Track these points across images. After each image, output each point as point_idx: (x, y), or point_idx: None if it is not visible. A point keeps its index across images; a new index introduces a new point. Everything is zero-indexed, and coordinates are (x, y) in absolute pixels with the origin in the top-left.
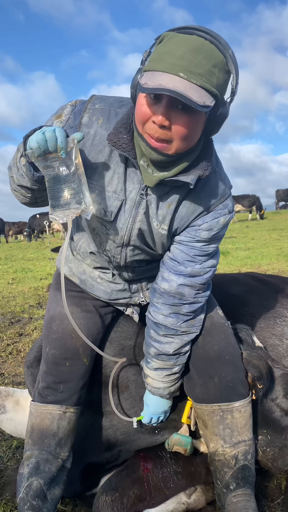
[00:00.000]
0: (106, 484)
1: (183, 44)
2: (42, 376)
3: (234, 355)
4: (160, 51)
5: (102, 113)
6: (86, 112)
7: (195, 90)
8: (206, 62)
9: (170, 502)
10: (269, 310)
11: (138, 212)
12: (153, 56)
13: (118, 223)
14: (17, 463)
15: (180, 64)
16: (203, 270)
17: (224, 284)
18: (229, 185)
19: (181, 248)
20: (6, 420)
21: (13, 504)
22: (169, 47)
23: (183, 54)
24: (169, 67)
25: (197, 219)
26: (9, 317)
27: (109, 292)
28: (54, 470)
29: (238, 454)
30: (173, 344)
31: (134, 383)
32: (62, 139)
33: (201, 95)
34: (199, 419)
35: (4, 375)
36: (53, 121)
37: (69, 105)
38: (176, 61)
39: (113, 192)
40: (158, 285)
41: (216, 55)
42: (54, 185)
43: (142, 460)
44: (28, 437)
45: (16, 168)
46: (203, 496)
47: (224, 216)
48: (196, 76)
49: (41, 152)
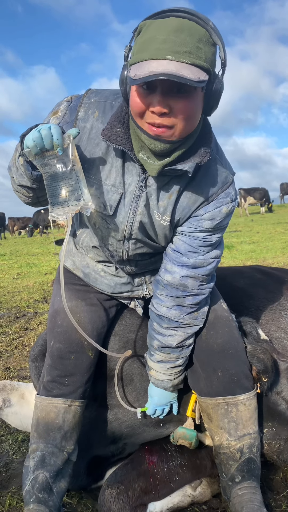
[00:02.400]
0: (112, 477)
1: (162, 28)
2: (47, 369)
3: (238, 349)
4: (141, 40)
5: (98, 107)
6: (81, 107)
7: (186, 69)
8: (190, 39)
9: (175, 494)
10: (274, 303)
11: (138, 205)
12: (135, 48)
13: (118, 217)
14: (23, 456)
15: (164, 47)
16: (206, 261)
17: (229, 277)
18: (232, 172)
19: (183, 239)
20: (12, 414)
21: (19, 496)
22: (149, 34)
23: (166, 37)
24: (154, 53)
25: (199, 209)
26: (15, 312)
27: (113, 285)
28: (59, 463)
29: (243, 447)
30: (176, 337)
31: (138, 376)
32: (58, 136)
33: (193, 72)
34: (204, 413)
35: (9, 369)
36: (50, 118)
37: (65, 100)
38: (159, 45)
39: (111, 186)
40: (161, 277)
41: (198, 30)
42: (52, 183)
43: (147, 453)
44: (34, 430)
45: (15, 168)
46: (208, 489)
47: (227, 205)
48: (184, 54)
49: (38, 150)
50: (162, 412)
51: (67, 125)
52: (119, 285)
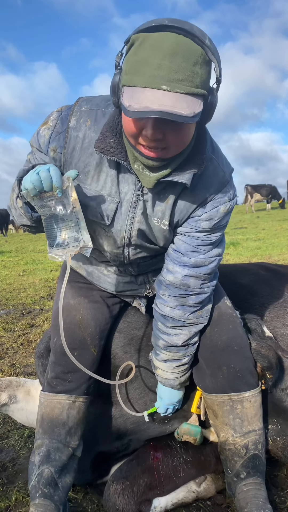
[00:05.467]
0: (117, 472)
1: (157, 48)
2: (51, 366)
3: (242, 345)
4: (135, 59)
5: (89, 115)
6: (73, 116)
7: (182, 100)
8: (186, 64)
9: (180, 490)
10: (279, 300)
11: (135, 213)
12: (128, 67)
13: (116, 226)
14: (29, 451)
15: (159, 74)
16: (207, 260)
17: (234, 274)
18: (229, 171)
19: (183, 239)
20: (18, 410)
21: (25, 491)
22: (143, 55)
23: (160, 62)
24: (149, 81)
25: (196, 210)
26: (20, 309)
27: (116, 284)
28: (64, 458)
29: (249, 444)
30: (182, 336)
31: (143, 372)
32: (57, 178)
33: (189, 104)
34: (209, 409)
35: (15, 365)
36: (40, 129)
37: (55, 111)
38: (154, 71)
39: (107, 195)
40: (163, 278)
41: (194, 50)
42: (51, 225)
43: (152, 450)
44: (39, 426)
45: (14, 208)
46: (213, 485)
47: (225, 204)
48: (180, 83)
49: (37, 192)
50: (173, 410)
51: (59, 136)
52: (122, 284)
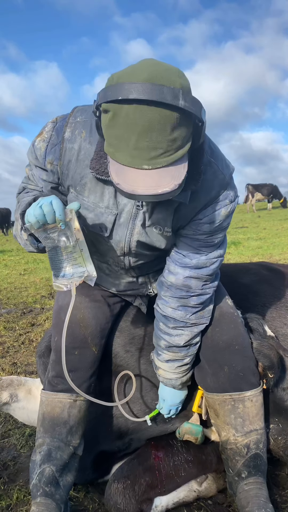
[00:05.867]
0: (118, 471)
1: (130, 126)
2: (52, 365)
3: (243, 345)
4: (111, 133)
5: (85, 126)
6: (68, 127)
7: (165, 175)
8: (162, 137)
9: (181, 490)
10: (280, 299)
11: (135, 225)
12: (107, 137)
13: (115, 237)
14: (30, 450)
15: (139, 155)
16: (209, 261)
17: (235, 273)
18: (229, 173)
19: (185, 240)
20: (19, 409)
21: (27, 490)
22: (118, 132)
23: (136, 143)
24: (130, 161)
25: (197, 214)
26: (21, 308)
27: (117, 283)
28: (65, 457)
29: (250, 443)
30: (183, 336)
31: (145, 371)
32: (60, 211)
33: (173, 174)
34: (211, 408)
35: (16, 364)
36: (36, 140)
37: (50, 122)
38: (133, 151)
39: (105, 208)
40: (165, 279)
41: (168, 119)
42: (56, 256)
43: (153, 449)
44: (40, 425)
45: (19, 238)
46: (214, 484)
47: (225, 207)
48: (160, 158)
49: (40, 225)
50: (176, 411)
51: (55, 148)
52: (123, 284)
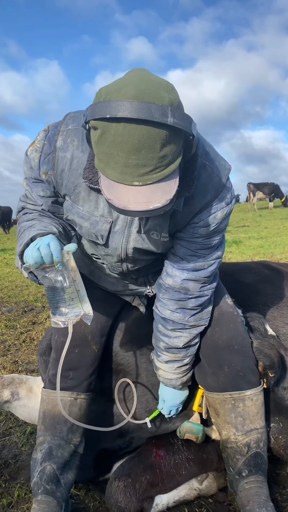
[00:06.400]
0: (119, 470)
1: (119, 145)
2: (52, 363)
3: (243, 344)
4: (101, 150)
5: (76, 134)
6: (59, 135)
7: (156, 190)
8: (152, 155)
9: (182, 488)
10: (282, 299)
11: (131, 231)
12: (97, 153)
13: (112, 244)
14: (31, 448)
15: (128, 172)
16: (206, 263)
17: (237, 273)
18: (225, 174)
19: (182, 243)
20: (20, 407)
21: (28, 488)
22: (107, 150)
23: (126, 161)
24: (120, 178)
25: (194, 218)
26: (23, 306)
27: (116, 283)
28: (66, 455)
29: (251, 442)
30: (182, 338)
31: (145, 371)
32: (57, 253)
33: (164, 190)
34: (211, 407)
35: (18, 362)
36: (29, 149)
37: (42, 131)
38: (123, 169)
39: (100, 216)
40: (162, 281)
41: (157, 137)
42: (53, 296)
43: (154, 447)
44: (41, 423)
45: (21, 272)
46: (214, 483)
47: (222, 210)
48: (150, 175)
49: (38, 266)
50: (177, 411)
51: (48, 157)
52: (122, 284)
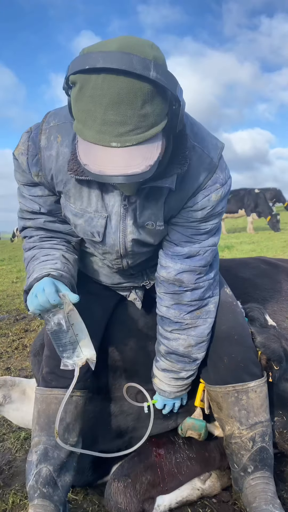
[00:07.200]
0: (118, 470)
1: (97, 98)
2: (45, 360)
3: (243, 335)
4: (79, 107)
5: (59, 130)
6: (42, 134)
7: (135, 154)
8: (132, 111)
9: (184, 488)
10: (281, 293)
11: (126, 224)
12: (75, 112)
13: (109, 240)
14: (26, 454)
15: (106, 130)
16: (202, 249)
17: (234, 267)
18: (216, 153)
19: (176, 229)
20: (13, 410)
21: (23, 494)
22: (85, 106)
23: (104, 116)
24: (98, 138)
25: (188, 202)
26: (14, 314)
27: (111, 276)
28: (63, 456)
29: (255, 436)
30: (180, 341)
31: (143, 366)
32: (52, 298)
33: (144, 154)
34: (213, 402)
35: (10, 369)
36: (15, 155)
37: (25, 133)
38: (100, 127)
39: (94, 212)
40: (158, 274)
41: (138, 91)
42: (57, 339)
43: (154, 446)
44: (35, 423)
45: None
46: (218, 482)
47: (216, 192)
48: (129, 135)
49: (39, 311)
50: (174, 406)
51: (35, 158)
52: (118, 277)
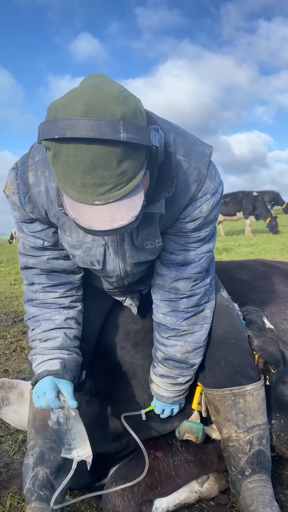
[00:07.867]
0: (116, 473)
1: (73, 166)
2: None
3: (239, 338)
4: (57, 170)
5: (45, 164)
6: (29, 171)
7: (120, 207)
8: (109, 173)
9: (182, 491)
10: (279, 295)
11: (124, 249)
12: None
13: (109, 267)
14: (23, 456)
15: (88, 192)
16: (197, 256)
17: (233, 270)
18: (204, 162)
19: (171, 238)
20: (10, 413)
21: (20, 497)
22: (63, 170)
23: (83, 181)
24: (81, 198)
25: (179, 215)
26: (12, 316)
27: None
28: (59, 458)
29: (253, 439)
30: (178, 347)
31: (141, 368)
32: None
33: (129, 207)
34: (211, 405)
35: (8, 371)
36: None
37: (11, 170)
38: (82, 189)
39: (92, 241)
40: (154, 281)
41: (110, 153)
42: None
43: (152, 449)
44: (31, 426)
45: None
46: (216, 485)
47: (207, 203)
48: (110, 193)
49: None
50: (172, 412)
51: (26, 196)
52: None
